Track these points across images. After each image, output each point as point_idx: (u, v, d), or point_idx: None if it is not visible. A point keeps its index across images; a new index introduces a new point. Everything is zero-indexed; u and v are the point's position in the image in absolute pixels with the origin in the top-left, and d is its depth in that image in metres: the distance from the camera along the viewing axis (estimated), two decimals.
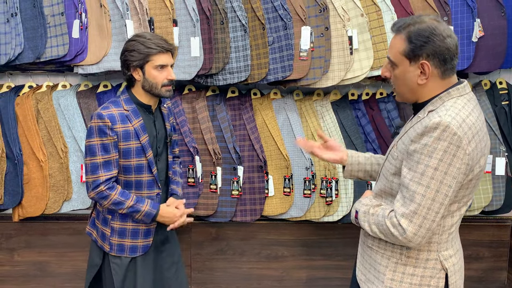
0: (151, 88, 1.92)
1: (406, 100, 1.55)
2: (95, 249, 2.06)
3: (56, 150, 2.56)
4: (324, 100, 2.68)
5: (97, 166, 1.88)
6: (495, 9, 2.49)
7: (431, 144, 1.36)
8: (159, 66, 1.89)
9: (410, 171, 1.41)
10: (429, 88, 1.47)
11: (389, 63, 1.51)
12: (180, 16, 2.51)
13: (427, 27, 1.41)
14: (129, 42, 1.91)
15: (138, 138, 1.92)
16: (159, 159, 2.04)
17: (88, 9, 2.48)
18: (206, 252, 2.83)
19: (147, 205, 1.95)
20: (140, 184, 1.97)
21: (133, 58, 1.88)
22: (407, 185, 1.41)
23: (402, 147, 1.48)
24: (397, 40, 1.47)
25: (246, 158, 2.63)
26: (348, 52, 2.48)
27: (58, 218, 2.75)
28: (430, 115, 1.42)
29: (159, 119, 2.05)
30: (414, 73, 1.45)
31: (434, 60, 1.42)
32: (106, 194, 1.89)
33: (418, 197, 1.38)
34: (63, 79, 2.69)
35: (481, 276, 2.83)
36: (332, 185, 2.60)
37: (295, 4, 2.48)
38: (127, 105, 1.93)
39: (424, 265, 1.51)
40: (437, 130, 1.36)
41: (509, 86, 2.67)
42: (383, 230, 1.48)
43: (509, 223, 2.82)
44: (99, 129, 1.87)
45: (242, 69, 2.50)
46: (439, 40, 1.40)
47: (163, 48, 1.89)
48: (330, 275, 2.85)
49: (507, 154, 2.61)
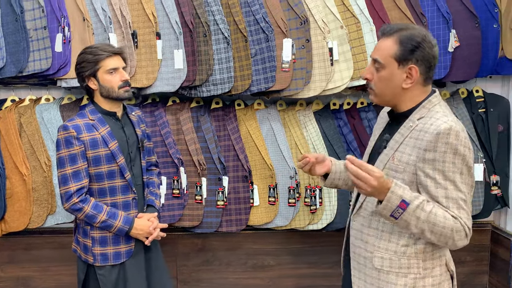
0: (109, 93, 1.97)
1: (384, 103, 1.56)
2: (80, 265, 2.06)
3: (40, 164, 2.55)
4: (307, 110, 2.72)
5: (67, 177, 1.91)
6: (470, 20, 2.57)
7: (450, 151, 1.39)
8: (111, 70, 1.95)
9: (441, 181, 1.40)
10: (412, 94, 1.49)
11: (374, 64, 1.51)
12: (163, 29, 2.54)
13: (418, 33, 1.45)
14: (79, 56, 1.99)
15: (106, 145, 1.95)
16: (134, 165, 2.06)
17: (71, 23, 2.49)
18: (192, 263, 2.83)
19: (119, 221, 1.97)
20: (114, 190, 1.99)
21: (84, 69, 1.95)
22: (448, 195, 1.40)
23: (408, 159, 1.45)
24: (387, 42, 1.48)
25: (231, 168, 2.66)
26: (329, 63, 2.54)
27: (42, 232, 2.72)
28: (427, 122, 1.44)
29: (129, 126, 2.08)
30: (400, 76, 1.47)
31: (422, 66, 1.46)
32: (79, 206, 1.92)
33: (462, 203, 1.40)
34: (46, 92, 2.69)
35: (463, 280, 2.88)
36: (316, 193, 2.64)
37: (276, 17, 2.53)
38: (93, 115, 1.98)
39: (439, 272, 1.52)
40: (450, 135, 1.39)
41: (485, 94, 2.76)
42: (440, 232, 1.38)
43: (489, 228, 2.89)
44: (65, 140, 1.91)
45: (225, 80, 2.53)
46: (428, 48, 1.45)
47: (110, 52, 1.96)
48: (317, 283, 2.87)
49: (485, 160, 2.69)
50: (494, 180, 2.71)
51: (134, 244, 2.03)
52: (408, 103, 1.51)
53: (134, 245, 2.03)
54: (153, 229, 2.04)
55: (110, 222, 1.95)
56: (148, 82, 2.53)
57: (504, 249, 2.79)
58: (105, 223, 1.95)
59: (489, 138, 2.70)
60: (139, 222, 2.01)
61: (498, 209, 2.79)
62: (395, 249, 1.51)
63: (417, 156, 1.43)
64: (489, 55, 2.61)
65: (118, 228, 1.97)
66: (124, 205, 2.01)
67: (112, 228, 1.96)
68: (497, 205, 2.76)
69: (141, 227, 2.01)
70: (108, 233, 1.99)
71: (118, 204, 2.00)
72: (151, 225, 2.04)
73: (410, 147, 1.46)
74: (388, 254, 1.52)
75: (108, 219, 1.95)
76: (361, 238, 1.58)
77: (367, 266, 1.56)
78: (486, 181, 2.70)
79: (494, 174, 2.71)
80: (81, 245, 2.02)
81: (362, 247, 1.58)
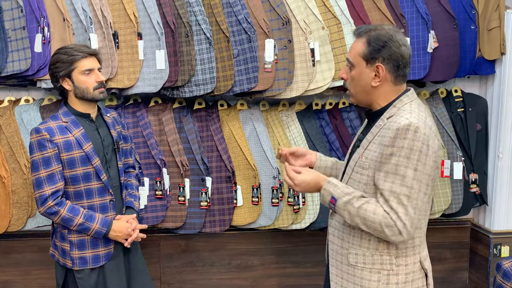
0: (84, 94, 1.96)
1: (360, 102, 1.62)
2: (58, 269, 2.04)
3: (19, 166, 2.51)
4: (290, 111, 2.74)
5: (42, 181, 1.89)
6: (448, 22, 2.62)
7: (407, 145, 1.43)
8: (86, 70, 1.94)
9: (390, 175, 1.45)
10: (382, 92, 1.55)
11: (348, 64, 1.59)
12: (144, 30, 2.53)
13: (385, 33, 1.52)
14: (53, 56, 1.97)
15: (81, 147, 1.93)
16: (110, 166, 2.04)
17: (51, 23, 2.46)
18: (175, 264, 2.82)
19: (97, 223, 1.95)
20: (90, 192, 1.97)
21: (59, 69, 1.93)
22: (392, 189, 1.44)
23: (373, 155, 1.52)
24: (357, 43, 1.55)
25: (214, 169, 2.66)
26: (311, 63, 2.55)
27: (22, 235, 2.68)
28: (393, 119, 1.50)
29: (103, 127, 2.07)
30: (369, 74, 1.53)
31: (389, 64, 1.51)
32: (54, 210, 1.89)
33: (404, 198, 1.44)
34: (26, 93, 2.65)
35: (443, 277, 2.93)
36: (299, 193, 2.66)
37: (258, 17, 2.54)
38: (66, 117, 1.96)
39: (412, 269, 1.55)
40: (409, 131, 1.43)
41: (464, 94, 2.81)
42: (371, 226, 1.47)
43: (468, 225, 2.95)
44: (38, 143, 1.89)
45: (208, 81, 2.53)
46: (395, 47, 1.50)
47: (85, 53, 1.95)
48: (300, 282, 2.89)
49: (464, 159, 2.74)
50: (473, 178, 2.77)
51: (113, 247, 2.01)
52: (380, 102, 1.57)
53: (113, 247, 2.01)
54: (132, 230, 2.02)
55: (87, 225, 1.93)
56: (130, 83, 2.51)
57: (483, 246, 2.84)
58: (82, 226, 1.92)
59: (467, 137, 2.75)
60: (117, 224, 1.99)
61: (477, 206, 2.85)
62: (367, 245, 1.56)
63: (380, 152, 1.49)
64: (467, 55, 2.66)
65: (95, 231, 1.94)
66: (102, 208, 2.00)
67: (90, 231, 1.94)
68: (476, 203, 2.82)
69: (120, 229, 1.99)
70: (86, 236, 1.96)
71: (96, 207, 1.98)
72: (129, 226, 2.02)
73: (376, 145, 1.52)
74: (361, 250, 1.56)
75: (85, 222, 1.92)
76: (338, 236, 1.64)
77: (343, 263, 1.61)
78: (465, 179, 2.75)
79: (473, 173, 2.77)
80: (59, 249, 2.00)
81: (338, 244, 1.64)
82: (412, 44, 2.59)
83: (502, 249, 2.78)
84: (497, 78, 2.75)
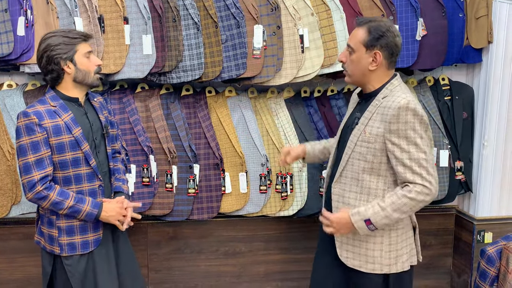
0: (85, 78, 1.93)
1: (355, 83, 1.87)
2: (45, 257, 1.99)
3: (3, 152, 2.46)
4: (278, 98, 2.73)
5: (30, 166, 1.84)
6: (437, 10, 2.62)
7: (410, 120, 1.70)
8: (87, 53, 1.93)
9: (404, 146, 1.70)
10: (377, 75, 1.81)
11: (348, 49, 1.82)
12: (131, 14, 2.48)
13: (384, 25, 1.77)
14: (50, 38, 1.89)
15: (70, 131, 1.89)
16: (99, 151, 2.01)
17: (34, 5, 2.39)
18: (163, 252, 2.81)
19: (88, 205, 1.91)
20: (79, 177, 1.93)
21: (62, 51, 1.87)
22: (411, 157, 1.70)
23: (377, 131, 1.75)
24: (359, 31, 1.79)
25: (202, 156, 2.64)
26: (300, 50, 2.54)
27: (7, 222, 2.64)
28: (389, 99, 1.75)
29: (92, 112, 2.03)
30: (367, 59, 1.78)
31: (385, 52, 1.77)
32: (44, 194, 1.85)
33: (423, 162, 1.70)
34: (8, 78, 2.59)
35: (428, 263, 2.98)
36: (287, 180, 2.66)
37: (247, 3, 2.51)
38: (54, 102, 1.92)
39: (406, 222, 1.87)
40: (409, 108, 1.70)
41: (451, 82, 2.83)
42: (410, 206, 1.71)
43: (453, 212, 2.99)
44: (26, 127, 1.84)
45: (195, 67, 2.50)
46: (391, 37, 1.76)
47: (85, 37, 1.94)
48: (288, 269, 2.91)
49: (450, 146, 2.77)
50: (458, 166, 2.80)
51: (102, 233, 1.99)
52: (375, 83, 1.82)
53: (102, 233, 1.99)
54: (124, 210, 1.99)
55: (78, 207, 1.89)
56: (116, 68, 2.47)
57: (467, 232, 2.89)
58: (72, 208, 1.88)
59: (454, 125, 2.78)
60: (108, 205, 1.96)
61: (462, 193, 2.89)
62: None
63: (384, 128, 1.74)
64: (455, 44, 2.67)
65: (86, 213, 1.91)
66: (91, 193, 1.96)
67: (80, 214, 1.90)
68: (461, 190, 2.85)
69: (111, 209, 1.96)
70: (75, 222, 1.93)
71: (84, 192, 1.95)
72: (121, 205, 1.99)
73: (378, 121, 1.76)
74: None
75: (75, 204, 1.89)
76: (343, 202, 1.87)
77: None
78: (451, 167, 2.78)
79: (458, 160, 2.80)
80: (46, 236, 1.97)
81: None
82: (401, 32, 2.58)
83: (485, 235, 2.83)
84: (484, 67, 2.77)
